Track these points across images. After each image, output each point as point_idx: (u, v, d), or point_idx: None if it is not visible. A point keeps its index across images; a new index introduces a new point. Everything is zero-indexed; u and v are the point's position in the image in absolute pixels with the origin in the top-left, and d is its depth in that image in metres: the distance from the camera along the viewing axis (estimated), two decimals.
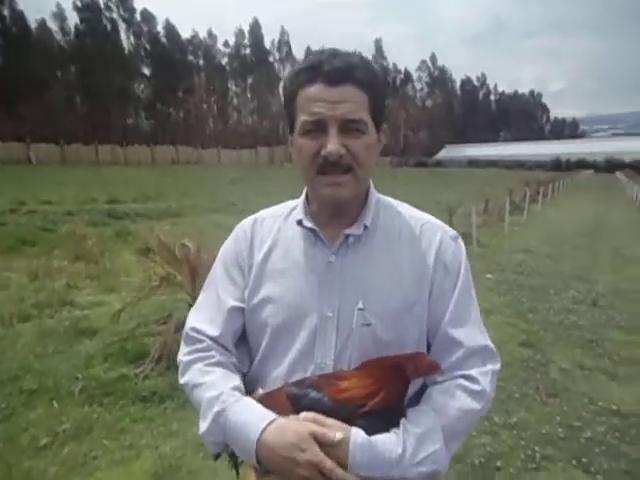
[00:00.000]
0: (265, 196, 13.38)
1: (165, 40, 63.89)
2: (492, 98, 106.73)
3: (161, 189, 16.50)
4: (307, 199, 0.99)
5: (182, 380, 0.94)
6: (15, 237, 7.41)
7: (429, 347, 0.94)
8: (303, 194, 1.00)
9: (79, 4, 54.82)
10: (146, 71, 62.02)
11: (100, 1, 56.38)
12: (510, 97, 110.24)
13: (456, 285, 0.92)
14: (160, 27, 63.81)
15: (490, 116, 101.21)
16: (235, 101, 73.31)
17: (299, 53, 72.34)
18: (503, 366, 0.94)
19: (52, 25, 54.04)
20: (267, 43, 75.93)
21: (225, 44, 73.41)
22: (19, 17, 49.63)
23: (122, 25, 59.33)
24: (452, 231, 0.98)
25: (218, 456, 0.90)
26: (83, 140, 40.82)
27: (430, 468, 0.79)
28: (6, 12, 48.71)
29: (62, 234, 7.66)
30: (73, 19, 55.44)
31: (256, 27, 74.51)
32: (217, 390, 0.86)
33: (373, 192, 0.98)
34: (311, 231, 0.94)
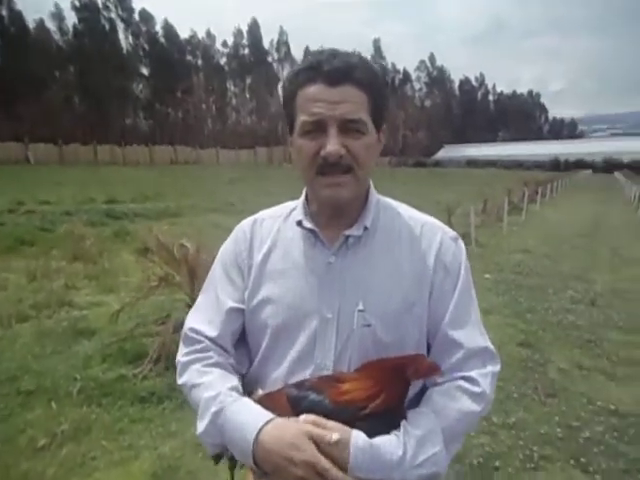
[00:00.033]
0: (264, 196, 13.39)
1: (164, 40, 63.81)
2: (491, 98, 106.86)
3: (160, 189, 16.47)
4: (307, 200, 0.98)
5: (180, 380, 0.94)
6: (13, 237, 7.39)
7: (429, 348, 0.93)
8: (303, 195, 0.99)
9: (77, 4, 54.72)
10: (144, 71, 61.98)
11: (98, 1, 56.37)
12: (509, 97, 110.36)
13: (456, 286, 0.92)
14: (159, 27, 63.88)
15: (489, 116, 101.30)
16: (234, 101, 73.25)
17: (298, 53, 72.49)
18: (501, 366, 0.93)
19: (50, 25, 54.04)
20: (266, 43, 76.08)
21: (224, 44, 73.45)
22: (17, 17, 49.52)
23: (120, 25, 59.36)
24: (452, 232, 0.98)
25: (218, 458, 0.89)
26: (81, 140, 40.72)
27: (430, 470, 0.79)
28: (4, 12, 48.71)
29: (60, 234, 7.65)
30: (71, 19, 55.52)
31: (255, 27, 74.50)
32: (215, 390, 0.85)
33: (373, 193, 0.97)
34: (311, 232, 0.94)
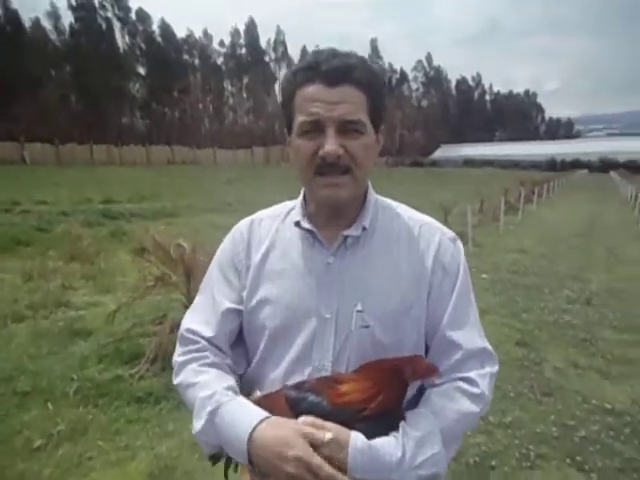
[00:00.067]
0: (261, 196, 13.37)
1: (160, 39, 63.53)
2: (487, 98, 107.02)
3: (156, 189, 16.43)
4: (305, 200, 0.98)
5: (176, 380, 0.93)
6: (9, 237, 7.35)
7: (427, 349, 0.93)
8: (301, 195, 0.99)
9: (74, 3, 54.31)
10: (141, 70, 61.67)
11: (95, 0, 56.12)
12: (505, 97, 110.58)
13: (455, 287, 0.92)
14: (155, 26, 63.50)
15: (485, 116, 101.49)
16: (231, 101, 73.03)
17: (295, 53, 72.44)
18: (499, 366, 0.94)
19: (46, 24, 53.59)
20: (263, 43, 75.90)
21: (221, 43, 73.20)
22: (13, 16, 49.14)
23: (117, 24, 58.98)
24: (451, 233, 0.98)
25: (215, 459, 0.89)
26: (78, 140, 40.46)
27: (429, 471, 0.79)
28: (0, 11, 48.42)
29: (57, 234, 7.62)
30: (67, 18, 55.00)
31: (252, 26, 74.36)
32: (210, 390, 0.85)
33: (372, 193, 0.97)
34: (309, 232, 0.94)
